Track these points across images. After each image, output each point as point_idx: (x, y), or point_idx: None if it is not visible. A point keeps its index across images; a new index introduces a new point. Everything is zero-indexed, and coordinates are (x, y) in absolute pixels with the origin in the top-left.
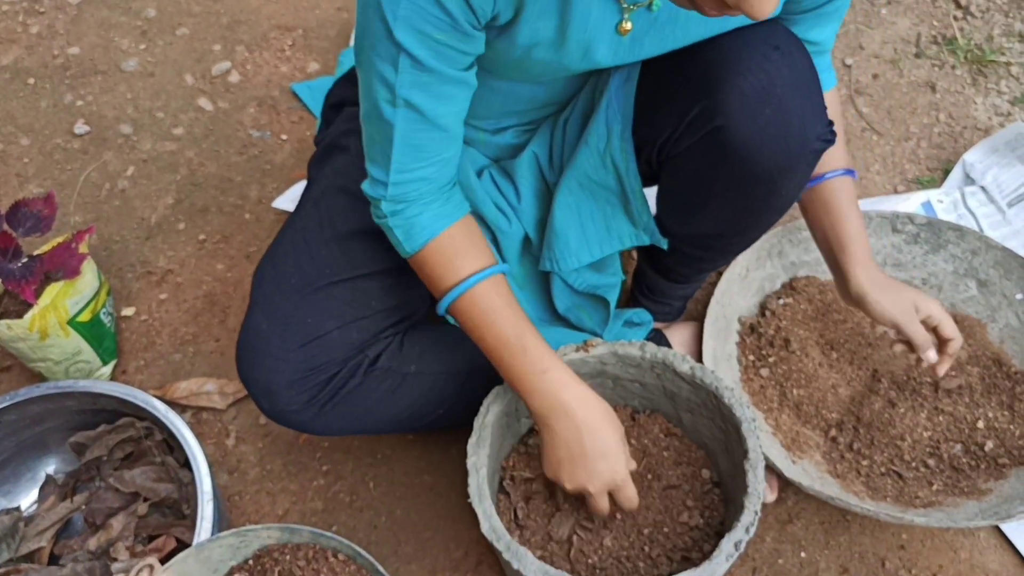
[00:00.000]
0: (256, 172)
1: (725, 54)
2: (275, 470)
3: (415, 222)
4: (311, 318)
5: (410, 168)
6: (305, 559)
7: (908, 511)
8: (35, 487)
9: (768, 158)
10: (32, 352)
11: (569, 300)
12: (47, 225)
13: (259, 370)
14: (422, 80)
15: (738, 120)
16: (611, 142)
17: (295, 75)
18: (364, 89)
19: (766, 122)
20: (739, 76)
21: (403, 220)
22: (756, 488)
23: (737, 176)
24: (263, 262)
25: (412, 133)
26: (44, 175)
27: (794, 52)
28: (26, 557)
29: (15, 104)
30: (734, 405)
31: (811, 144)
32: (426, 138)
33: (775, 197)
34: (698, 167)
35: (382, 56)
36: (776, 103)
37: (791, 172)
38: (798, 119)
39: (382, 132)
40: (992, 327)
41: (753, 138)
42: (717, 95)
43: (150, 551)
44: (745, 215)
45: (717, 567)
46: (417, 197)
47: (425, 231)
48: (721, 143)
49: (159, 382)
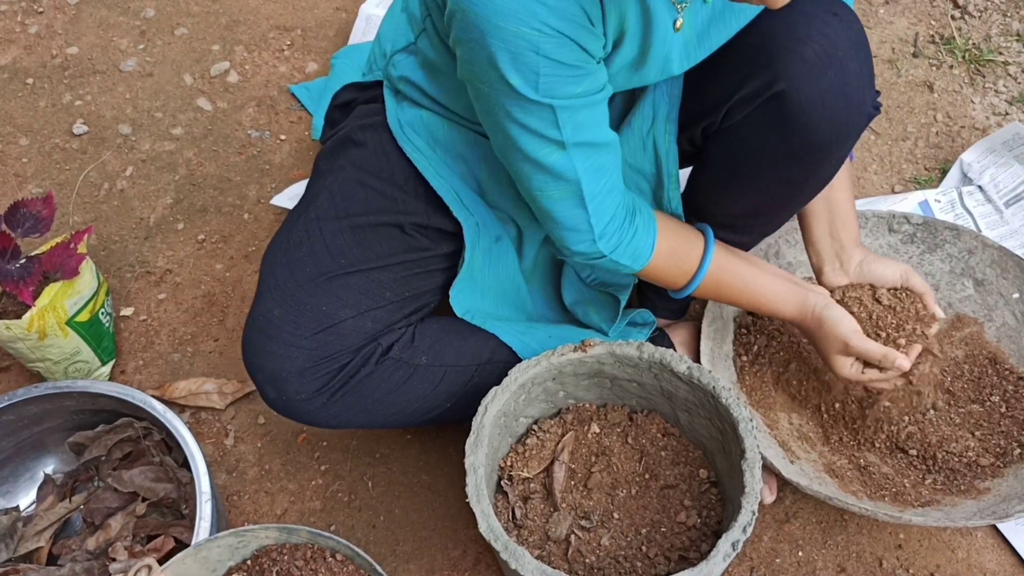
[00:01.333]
0: (255, 172)
1: (784, 22)
2: (274, 470)
3: (635, 244)
4: (326, 306)
5: (603, 197)
6: (303, 559)
7: (906, 511)
8: (33, 487)
9: (829, 122)
10: (31, 352)
11: (578, 294)
12: (46, 226)
13: (269, 357)
14: (583, 119)
15: (801, 84)
16: (656, 124)
17: (294, 75)
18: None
19: (828, 85)
20: (799, 43)
21: (626, 249)
22: (753, 488)
23: (795, 143)
24: (274, 250)
25: (591, 165)
26: (43, 175)
27: (851, 18)
28: (24, 557)
29: (14, 104)
30: (731, 405)
31: (867, 108)
32: (602, 159)
33: (825, 165)
34: (753, 136)
35: (533, 126)
36: (838, 67)
37: (847, 137)
38: (856, 83)
39: (564, 186)
40: (989, 326)
41: (816, 102)
42: (778, 62)
43: (149, 551)
44: (789, 187)
45: (714, 567)
46: (621, 224)
47: (646, 246)
48: (782, 109)
49: (158, 382)
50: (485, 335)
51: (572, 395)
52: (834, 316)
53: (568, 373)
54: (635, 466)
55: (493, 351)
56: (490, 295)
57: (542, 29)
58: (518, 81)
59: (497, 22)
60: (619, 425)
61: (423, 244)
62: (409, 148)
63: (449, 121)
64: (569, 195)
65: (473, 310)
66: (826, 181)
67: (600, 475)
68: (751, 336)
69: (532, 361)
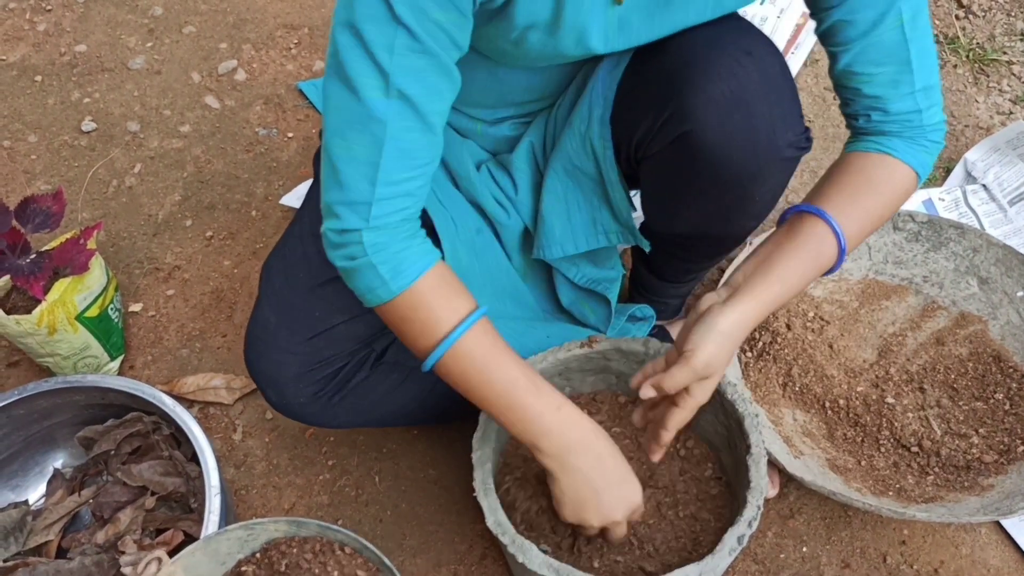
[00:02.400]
0: (262, 170)
1: (697, 57)
2: (281, 464)
3: (404, 257)
4: (319, 312)
5: (398, 178)
6: (312, 552)
7: (910, 506)
8: (43, 481)
9: (737, 164)
10: (40, 347)
11: (572, 294)
12: (56, 221)
13: (267, 363)
14: (418, 65)
15: (706, 126)
16: (591, 125)
17: (301, 73)
18: (341, 92)
19: (734, 129)
20: (709, 82)
21: (390, 255)
22: (759, 483)
23: (707, 181)
24: (272, 256)
25: (404, 132)
26: (51, 172)
27: (766, 57)
28: (34, 550)
29: (23, 101)
30: (736, 400)
31: (782, 152)
32: (417, 140)
33: (748, 202)
34: (671, 170)
35: (375, 38)
36: (744, 109)
37: (761, 179)
38: (767, 126)
39: (368, 137)
40: (993, 324)
41: (721, 145)
42: (686, 100)
43: (158, 544)
44: (720, 219)
45: (720, 561)
46: (401, 225)
47: (415, 267)
48: (690, 148)
49: (166, 377)
50: None
51: (578, 391)
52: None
53: (574, 369)
54: (638, 460)
55: None
56: (486, 291)
57: None
58: None
59: None
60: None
61: None
62: None
63: None
64: (367, 152)
65: None
66: (761, 214)
67: None
68: (756, 333)
69: (538, 357)
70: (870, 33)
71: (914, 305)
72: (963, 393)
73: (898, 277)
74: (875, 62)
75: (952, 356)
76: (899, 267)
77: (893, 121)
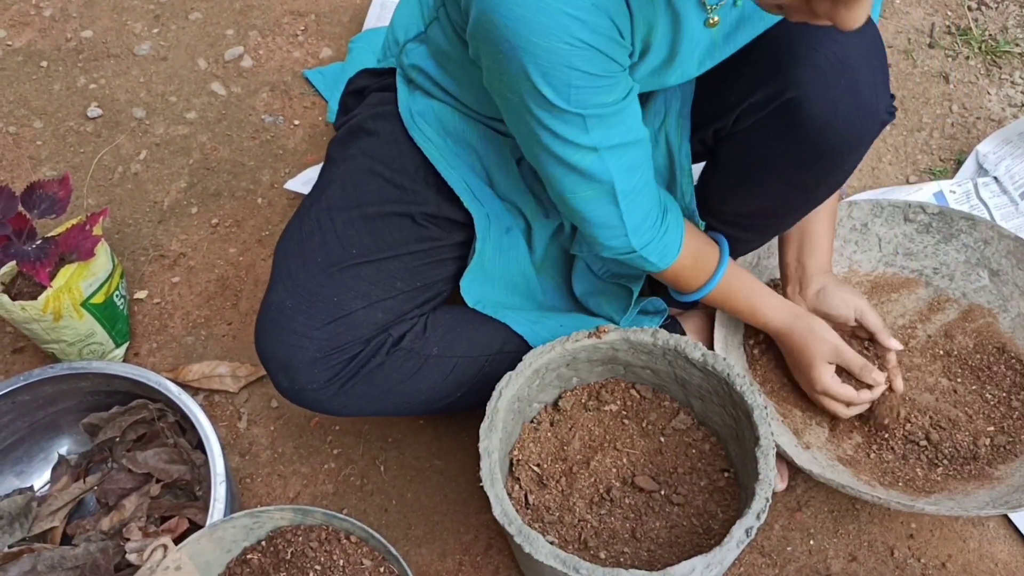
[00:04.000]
0: (268, 157)
1: (797, 28)
2: (287, 453)
3: (666, 242)
4: (337, 297)
5: (634, 192)
6: (318, 540)
7: (918, 499)
8: (48, 468)
9: (841, 130)
10: (46, 333)
11: (589, 285)
12: (62, 207)
13: (281, 346)
14: (610, 122)
15: (812, 92)
16: (667, 120)
17: (308, 61)
18: (552, 175)
19: (840, 93)
20: (811, 50)
21: (656, 246)
22: (767, 475)
23: (806, 150)
24: (286, 239)
25: (623, 162)
26: (57, 158)
27: (866, 24)
28: (39, 537)
29: (28, 87)
30: (745, 392)
31: (880, 116)
32: (633, 157)
33: (837, 171)
34: (764, 142)
35: (565, 134)
36: (850, 74)
37: (859, 145)
38: (870, 90)
39: (597, 189)
40: (1003, 316)
41: (827, 111)
42: (791, 69)
43: (163, 532)
44: (801, 191)
45: (727, 553)
46: (653, 219)
47: (674, 245)
48: (793, 116)
49: (171, 365)
50: (496, 324)
51: (585, 381)
52: (823, 325)
53: (582, 359)
54: (647, 451)
55: (504, 341)
56: (500, 285)
57: (574, 43)
58: (550, 93)
59: (530, 37)
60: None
61: (434, 234)
62: (420, 138)
63: (460, 112)
64: (602, 195)
65: (484, 300)
66: (838, 185)
67: (613, 460)
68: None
69: (547, 347)
70: None
71: (924, 297)
72: (972, 385)
73: (908, 269)
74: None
75: (961, 348)
76: (909, 259)
77: None
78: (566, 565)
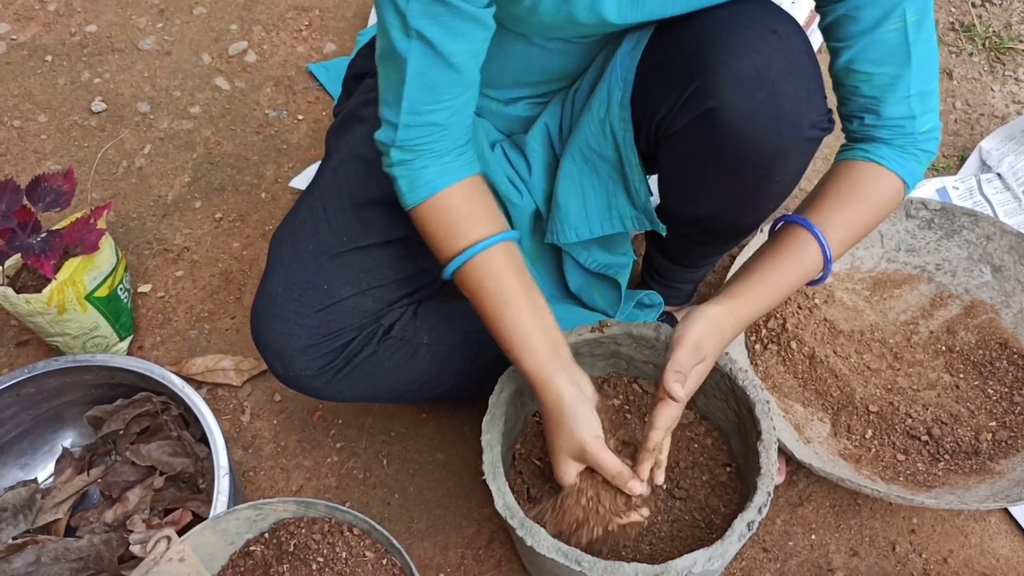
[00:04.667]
0: (272, 152)
1: (721, 34)
2: (289, 446)
3: (420, 175)
4: (327, 284)
5: (422, 110)
6: (320, 533)
7: (919, 493)
8: (52, 460)
9: (759, 143)
10: (50, 326)
11: (581, 279)
12: (66, 200)
13: (274, 334)
14: (434, 11)
15: (729, 103)
16: (611, 109)
17: (312, 56)
18: (380, 25)
19: (758, 106)
20: (733, 58)
21: (409, 171)
22: (769, 469)
23: (729, 160)
24: (281, 229)
25: (425, 70)
26: (61, 152)
27: (792, 36)
28: (42, 529)
29: (33, 81)
30: (747, 387)
31: (804, 132)
32: (439, 77)
33: (769, 183)
34: (692, 149)
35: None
36: (769, 87)
37: (783, 158)
38: (791, 105)
39: (396, 69)
40: (1006, 312)
41: (744, 122)
42: (710, 77)
43: (166, 524)
44: (740, 200)
45: (729, 547)
46: (427, 147)
47: (428, 185)
48: (712, 126)
49: (175, 358)
50: None
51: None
52: (580, 414)
53: (584, 354)
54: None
55: None
56: None
57: None
58: None
59: None
60: (629, 400)
61: None
62: None
63: None
64: (396, 82)
65: None
66: (781, 195)
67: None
68: (764, 321)
69: None
70: (873, 31)
71: (926, 293)
72: (974, 381)
73: (910, 265)
74: (875, 61)
75: (964, 344)
76: (912, 255)
77: (885, 127)
78: (568, 558)
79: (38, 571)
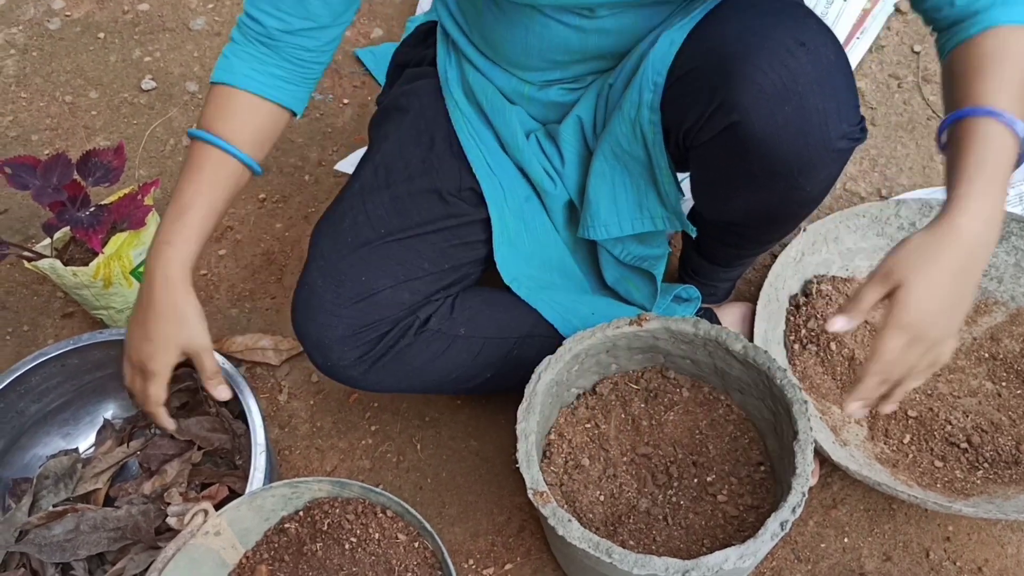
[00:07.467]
0: (317, 135)
1: (748, 46)
2: (325, 427)
3: (225, 60)
4: (364, 276)
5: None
6: (354, 513)
7: (956, 500)
8: (93, 430)
9: (786, 156)
10: (95, 299)
11: (616, 272)
12: (116, 176)
13: (313, 325)
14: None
15: (755, 117)
16: (641, 111)
17: (359, 40)
18: None
19: (785, 120)
20: (758, 71)
21: (231, 51)
22: (805, 470)
23: (756, 172)
24: (322, 220)
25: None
26: (111, 128)
27: (821, 48)
28: (82, 497)
29: (85, 58)
30: (786, 386)
31: (833, 144)
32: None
33: (798, 192)
34: (719, 160)
35: None
36: (796, 101)
37: (812, 170)
38: (819, 118)
39: None
40: None
41: (770, 136)
42: (735, 91)
43: (203, 498)
44: (770, 208)
45: (761, 545)
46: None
47: (218, 71)
48: (738, 139)
49: (215, 336)
50: (527, 309)
51: (624, 369)
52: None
53: (622, 347)
54: (684, 441)
55: (534, 325)
56: (535, 260)
57: None
58: None
59: None
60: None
61: (461, 209)
62: (451, 105)
63: (473, 65)
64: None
65: (520, 277)
66: (812, 203)
67: (647, 448)
68: (803, 321)
69: (587, 332)
70: None
71: None
72: (1017, 390)
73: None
74: None
75: (1008, 352)
76: None
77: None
78: (598, 549)
79: (77, 539)
